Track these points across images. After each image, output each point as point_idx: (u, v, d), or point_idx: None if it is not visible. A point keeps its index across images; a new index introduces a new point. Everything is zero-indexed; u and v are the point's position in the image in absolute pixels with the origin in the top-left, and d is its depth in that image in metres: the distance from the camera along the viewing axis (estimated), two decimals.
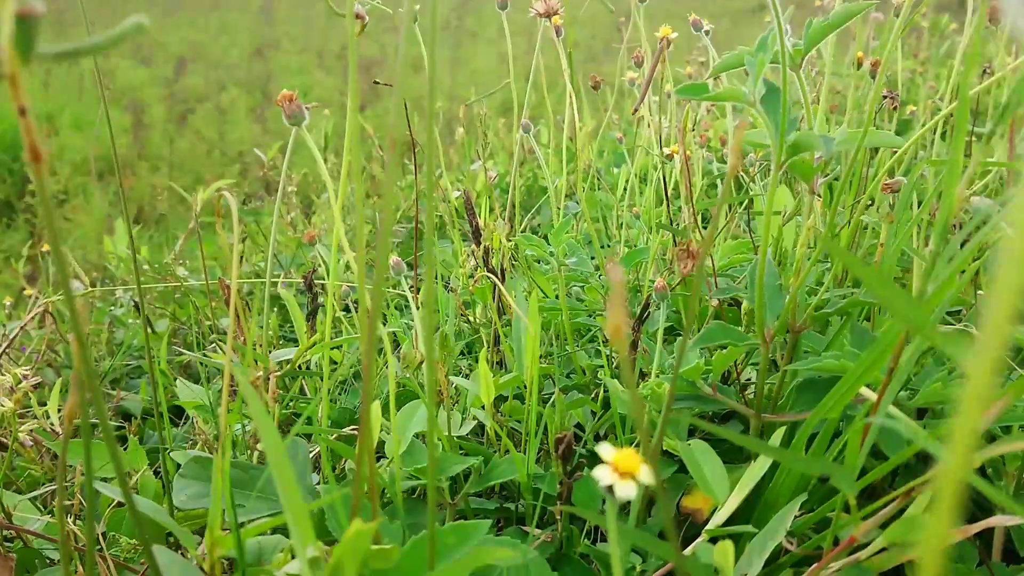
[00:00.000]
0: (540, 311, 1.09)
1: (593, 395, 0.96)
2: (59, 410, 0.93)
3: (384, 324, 1.14)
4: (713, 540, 0.62)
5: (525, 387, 0.83)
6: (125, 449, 0.83)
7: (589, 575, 0.71)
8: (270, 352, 0.78)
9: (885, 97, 0.99)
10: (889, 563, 0.53)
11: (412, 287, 1.04)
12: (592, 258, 1.05)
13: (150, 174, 5.08)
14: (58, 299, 1.26)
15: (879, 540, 0.53)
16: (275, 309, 1.42)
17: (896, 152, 0.87)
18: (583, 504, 0.77)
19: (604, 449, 0.45)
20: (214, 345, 1.17)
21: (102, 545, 0.72)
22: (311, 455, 0.84)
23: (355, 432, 0.88)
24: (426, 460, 0.79)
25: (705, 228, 1.06)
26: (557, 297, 1.04)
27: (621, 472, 0.44)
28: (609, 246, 1.40)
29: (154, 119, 5.99)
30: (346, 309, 1.06)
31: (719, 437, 0.87)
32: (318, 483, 0.80)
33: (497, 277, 0.88)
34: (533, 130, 1.09)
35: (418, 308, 0.86)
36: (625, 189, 1.34)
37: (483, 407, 0.80)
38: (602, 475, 0.44)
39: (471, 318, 1.03)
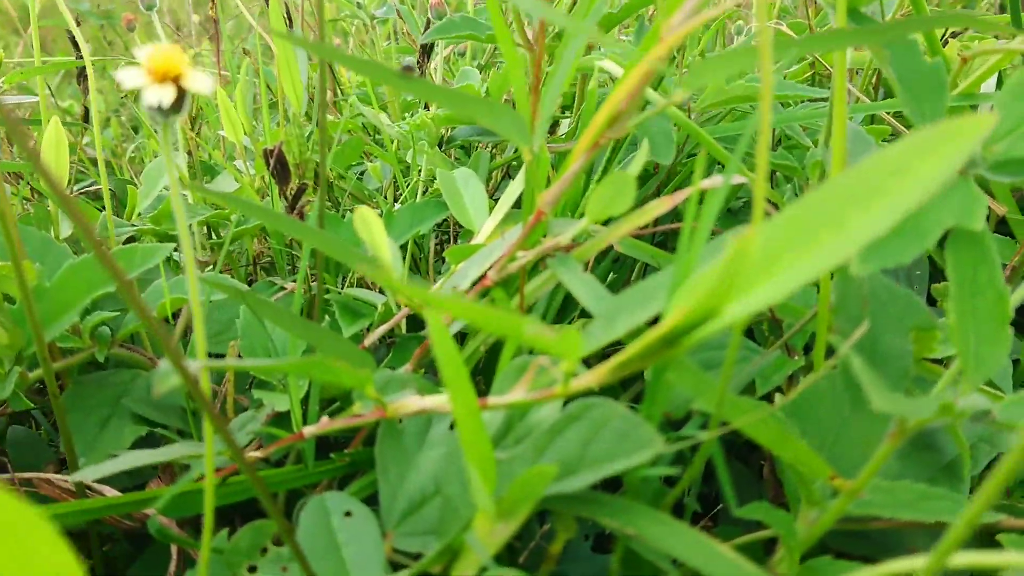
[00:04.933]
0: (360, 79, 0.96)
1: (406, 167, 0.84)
2: None
3: None
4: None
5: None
6: None
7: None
8: None
9: None
10: (593, 249, 0.42)
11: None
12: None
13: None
14: None
15: (583, 223, 0.42)
16: None
17: None
18: (342, 256, 0.67)
19: (140, 50, 0.33)
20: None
21: None
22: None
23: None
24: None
25: None
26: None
27: (157, 74, 0.33)
28: None
29: None
30: None
31: None
32: None
33: (285, 19, 0.74)
34: None
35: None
36: None
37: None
38: (128, 76, 0.32)
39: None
